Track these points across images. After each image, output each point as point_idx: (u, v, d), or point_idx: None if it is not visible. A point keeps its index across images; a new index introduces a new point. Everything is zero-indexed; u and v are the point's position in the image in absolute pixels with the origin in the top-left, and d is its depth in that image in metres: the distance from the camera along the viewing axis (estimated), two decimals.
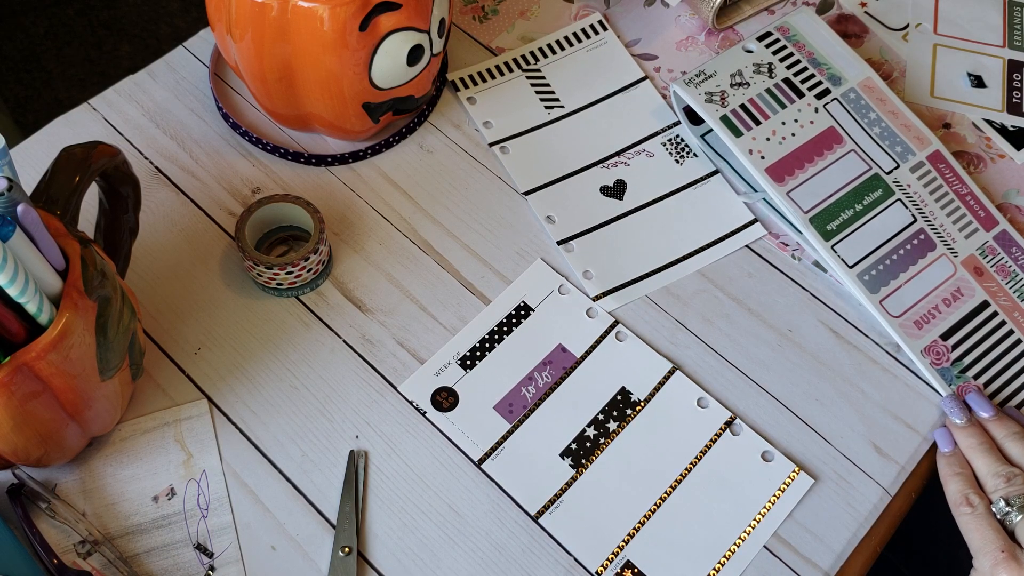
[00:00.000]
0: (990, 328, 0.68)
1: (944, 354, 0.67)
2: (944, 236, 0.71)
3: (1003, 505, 0.58)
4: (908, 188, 0.72)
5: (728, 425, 0.63)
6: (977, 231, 0.71)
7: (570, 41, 0.81)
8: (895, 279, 0.69)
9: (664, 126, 0.77)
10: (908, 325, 0.67)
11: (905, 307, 0.68)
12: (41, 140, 0.74)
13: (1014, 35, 0.83)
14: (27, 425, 0.52)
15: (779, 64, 0.75)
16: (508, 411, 0.64)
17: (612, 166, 0.75)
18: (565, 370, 0.65)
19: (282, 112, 0.71)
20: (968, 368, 0.66)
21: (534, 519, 0.60)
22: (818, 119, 0.74)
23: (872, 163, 0.73)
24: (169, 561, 0.58)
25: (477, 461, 0.62)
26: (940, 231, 0.71)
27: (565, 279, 0.69)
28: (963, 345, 0.67)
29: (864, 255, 0.69)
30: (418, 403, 0.64)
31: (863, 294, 0.68)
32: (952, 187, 0.73)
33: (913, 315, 0.68)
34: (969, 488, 0.60)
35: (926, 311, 0.68)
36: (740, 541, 0.60)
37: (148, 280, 0.68)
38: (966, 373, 0.66)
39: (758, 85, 0.74)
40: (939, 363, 0.66)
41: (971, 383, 0.66)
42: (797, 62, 0.76)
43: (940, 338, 0.67)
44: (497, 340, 0.66)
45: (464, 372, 0.65)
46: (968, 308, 0.68)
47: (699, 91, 0.73)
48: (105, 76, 1.73)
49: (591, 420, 0.64)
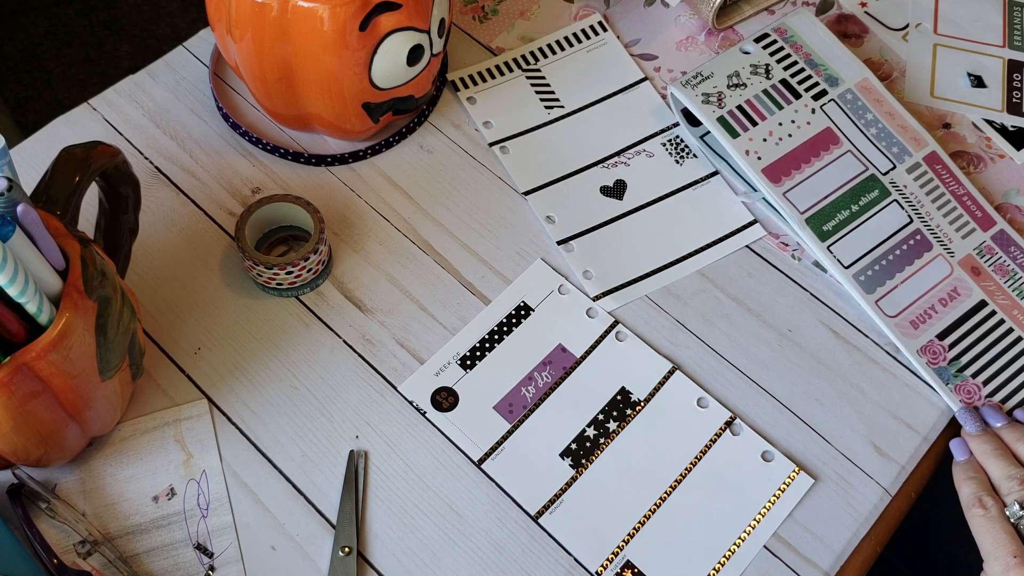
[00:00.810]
0: (988, 327, 0.68)
1: (941, 353, 0.67)
2: (941, 236, 0.71)
3: (1017, 508, 0.57)
4: (904, 189, 0.72)
5: (728, 425, 0.64)
6: (974, 231, 0.71)
7: (570, 41, 0.81)
8: (891, 279, 0.69)
9: (664, 126, 0.77)
10: (904, 325, 0.67)
11: (901, 307, 0.68)
12: (41, 140, 0.74)
13: (1014, 35, 0.83)
14: (27, 425, 0.52)
15: (776, 65, 0.75)
16: (508, 411, 0.64)
17: (612, 166, 0.75)
18: (565, 370, 0.65)
19: (282, 112, 0.71)
20: (966, 367, 0.66)
21: (534, 519, 0.60)
22: (815, 120, 0.74)
23: (868, 164, 0.73)
24: (169, 561, 0.58)
25: (477, 461, 0.62)
26: (937, 231, 0.71)
27: (565, 279, 0.69)
28: (960, 344, 0.67)
29: (860, 255, 0.69)
30: (418, 403, 0.64)
31: (859, 294, 0.68)
32: (949, 188, 0.73)
33: (909, 315, 0.68)
34: (983, 491, 0.59)
35: (922, 311, 0.68)
36: (740, 541, 0.60)
37: (148, 280, 0.68)
38: (963, 372, 0.66)
39: (755, 86, 0.74)
40: (936, 363, 0.66)
41: (970, 382, 0.66)
42: (794, 63, 0.76)
43: (936, 338, 0.67)
44: (497, 340, 0.66)
45: (464, 372, 0.65)
46: (965, 308, 0.69)
47: (696, 92, 0.73)
48: (105, 76, 1.73)
49: (591, 420, 0.64)
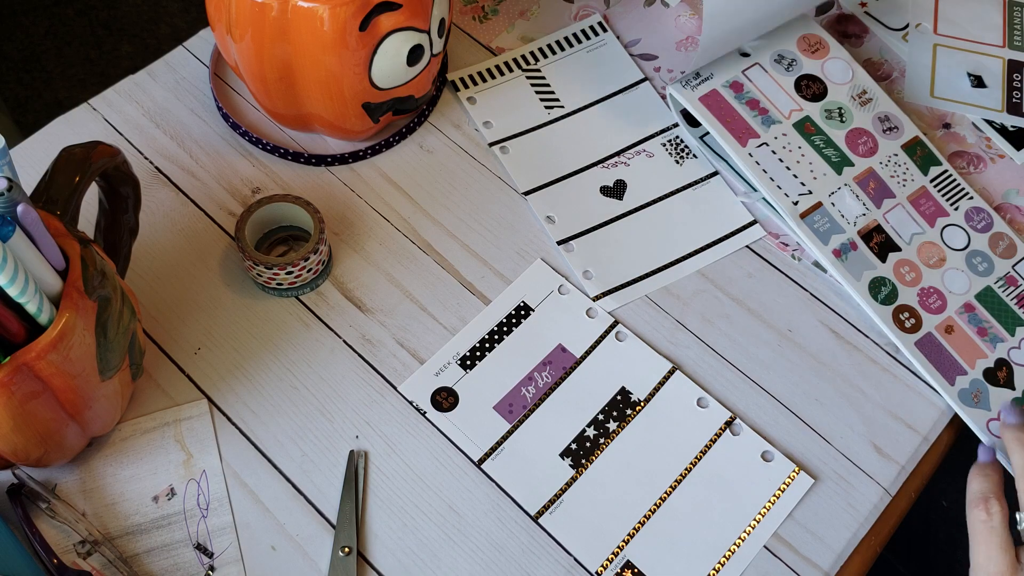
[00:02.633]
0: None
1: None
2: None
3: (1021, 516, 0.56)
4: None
5: (728, 425, 0.63)
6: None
7: (570, 42, 0.81)
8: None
9: (664, 126, 0.77)
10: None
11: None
12: (41, 140, 0.74)
13: (1014, 35, 0.83)
14: (27, 425, 0.52)
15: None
16: (508, 411, 0.64)
17: (612, 166, 0.75)
18: (565, 370, 0.65)
19: (282, 112, 0.71)
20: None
21: (534, 519, 0.60)
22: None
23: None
24: (169, 561, 0.58)
25: (477, 461, 0.62)
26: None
27: (565, 279, 0.69)
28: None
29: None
30: (418, 403, 0.64)
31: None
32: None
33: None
34: (991, 493, 0.56)
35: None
36: (740, 541, 0.60)
37: (148, 280, 0.68)
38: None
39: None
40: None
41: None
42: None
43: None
44: (497, 340, 0.66)
45: (464, 372, 0.65)
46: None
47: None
48: (105, 76, 1.73)
49: (591, 420, 0.64)
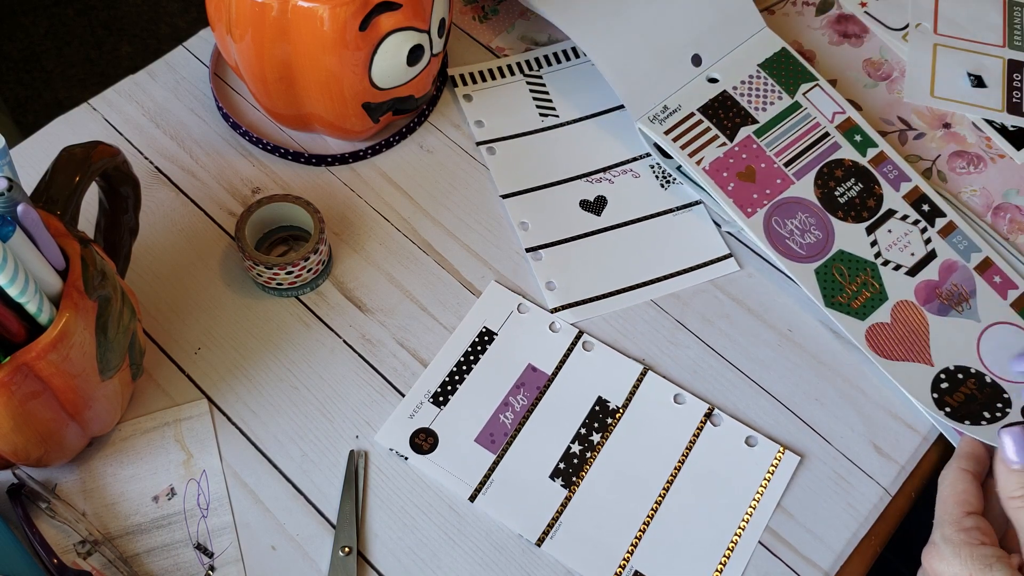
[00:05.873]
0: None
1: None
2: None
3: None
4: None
5: (708, 417, 0.63)
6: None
7: (576, 52, 0.80)
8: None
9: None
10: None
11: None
12: (41, 140, 0.74)
13: (1014, 35, 0.83)
14: (27, 425, 0.52)
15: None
16: (490, 441, 0.62)
17: (596, 181, 0.74)
18: (539, 389, 0.64)
19: (282, 112, 0.71)
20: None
21: (537, 546, 0.59)
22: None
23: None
24: (169, 561, 0.58)
25: (469, 497, 0.60)
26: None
27: (522, 297, 0.68)
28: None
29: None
30: (398, 449, 0.62)
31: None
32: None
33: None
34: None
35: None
36: (740, 530, 0.59)
37: (148, 280, 0.68)
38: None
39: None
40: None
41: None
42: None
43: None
44: (466, 371, 0.65)
45: (439, 409, 0.63)
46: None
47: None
48: (105, 76, 1.74)
49: (574, 436, 0.63)
